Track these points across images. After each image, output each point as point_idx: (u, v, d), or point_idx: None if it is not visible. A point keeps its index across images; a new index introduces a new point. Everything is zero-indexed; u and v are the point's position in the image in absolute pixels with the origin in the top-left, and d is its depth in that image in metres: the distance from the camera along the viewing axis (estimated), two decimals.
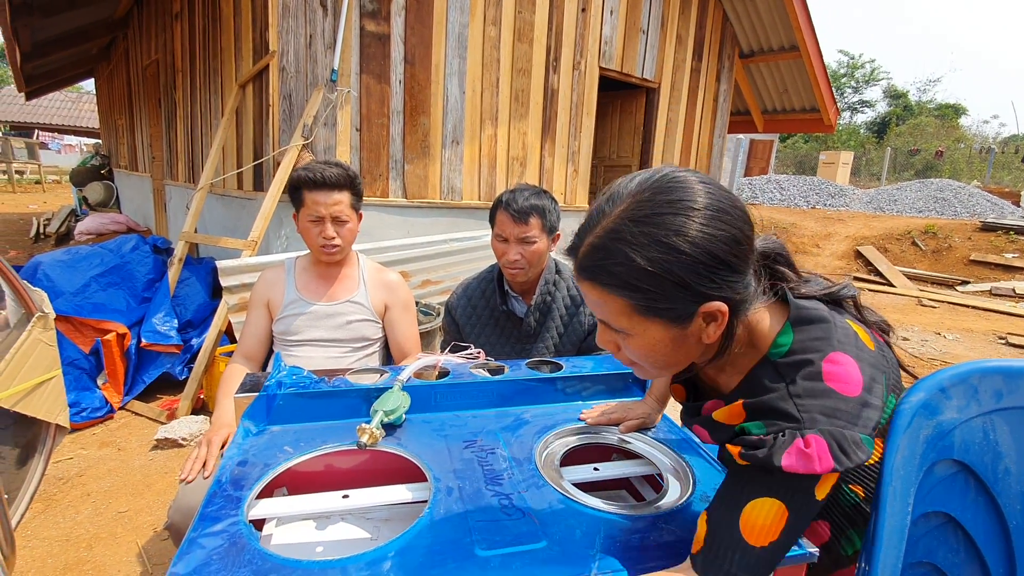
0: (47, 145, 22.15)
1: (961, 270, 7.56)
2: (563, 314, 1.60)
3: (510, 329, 1.63)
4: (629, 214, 0.61)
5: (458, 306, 1.69)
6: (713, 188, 0.63)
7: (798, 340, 0.64)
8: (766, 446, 0.60)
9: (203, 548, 0.70)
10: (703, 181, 0.63)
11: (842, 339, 0.63)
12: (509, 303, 1.62)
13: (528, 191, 1.51)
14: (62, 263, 3.13)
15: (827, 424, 0.58)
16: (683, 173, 0.64)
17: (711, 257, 0.59)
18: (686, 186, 0.62)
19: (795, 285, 0.71)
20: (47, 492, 2.06)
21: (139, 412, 2.73)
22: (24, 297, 1.36)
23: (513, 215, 1.47)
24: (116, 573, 1.67)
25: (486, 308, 1.65)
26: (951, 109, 26.17)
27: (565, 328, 1.60)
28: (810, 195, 12.21)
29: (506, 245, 1.51)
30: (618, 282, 0.62)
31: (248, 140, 3.58)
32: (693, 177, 0.64)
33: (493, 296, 1.63)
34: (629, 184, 0.65)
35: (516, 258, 1.50)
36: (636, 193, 0.63)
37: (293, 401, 1.05)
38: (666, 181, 0.63)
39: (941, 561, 0.68)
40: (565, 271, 1.65)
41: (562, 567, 0.69)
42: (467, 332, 1.66)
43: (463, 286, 1.72)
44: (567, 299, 1.61)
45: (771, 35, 6.16)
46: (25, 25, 5.14)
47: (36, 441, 1.45)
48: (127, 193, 8.11)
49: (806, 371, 0.61)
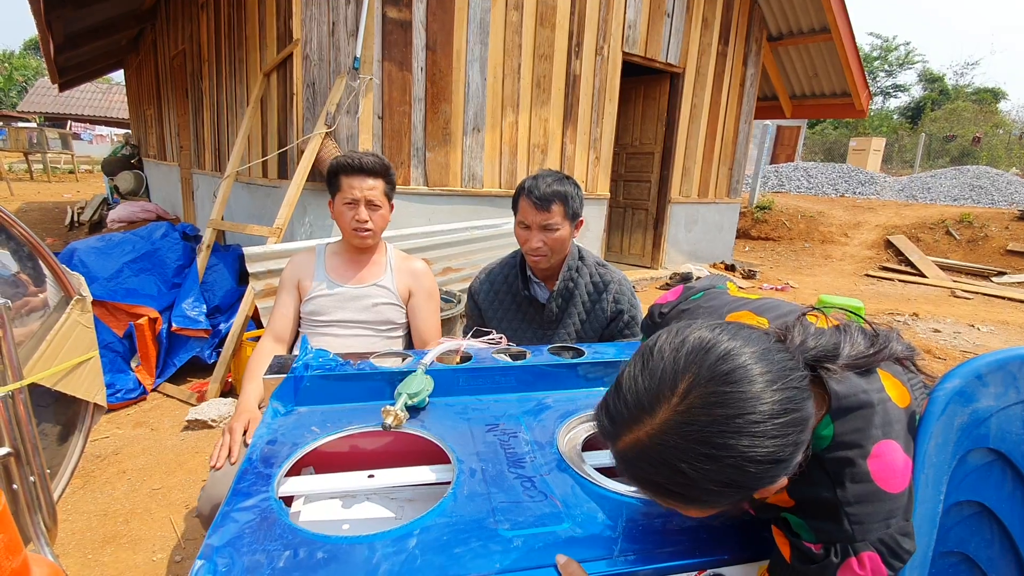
0: (79, 136, 22.80)
1: (997, 260, 7.29)
2: (585, 300, 1.59)
3: (532, 314, 1.63)
4: (681, 429, 0.53)
5: (480, 291, 1.69)
6: (772, 367, 0.54)
7: (839, 432, 0.61)
8: (818, 562, 0.59)
9: (236, 522, 0.72)
10: (760, 359, 0.55)
11: (882, 423, 0.60)
12: (531, 288, 1.61)
13: (550, 177, 1.49)
14: (96, 250, 3.23)
15: (880, 530, 0.57)
16: (735, 356, 0.54)
17: (779, 463, 0.54)
18: (742, 387, 0.53)
19: (834, 371, 0.63)
20: (85, 469, 2.15)
21: (170, 394, 2.82)
22: (63, 280, 1.41)
23: (535, 202, 1.46)
24: (151, 547, 1.74)
25: (508, 293, 1.66)
26: (990, 93, 25.08)
27: (587, 314, 1.59)
28: (839, 183, 11.87)
29: (528, 232, 1.50)
30: (675, 496, 0.57)
31: (272, 128, 3.63)
32: (747, 359, 0.54)
33: (515, 281, 1.63)
34: (670, 369, 0.55)
35: (538, 245, 1.49)
36: (684, 394, 0.54)
37: (320, 383, 1.07)
38: (718, 378, 0.53)
39: (973, 551, 0.66)
40: (588, 257, 1.64)
41: (584, 549, 0.70)
42: (489, 317, 1.67)
43: (486, 271, 1.72)
44: (589, 285, 1.60)
45: (801, 17, 5.98)
46: (58, 17, 5.27)
47: (75, 419, 1.51)
48: (156, 182, 8.31)
49: (854, 472, 0.58)
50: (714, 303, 0.84)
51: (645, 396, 0.56)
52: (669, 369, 0.55)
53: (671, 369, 0.55)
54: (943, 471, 0.62)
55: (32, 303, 1.37)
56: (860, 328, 0.65)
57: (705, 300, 0.86)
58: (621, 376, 0.60)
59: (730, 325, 0.60)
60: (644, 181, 6.02)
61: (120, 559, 1.68)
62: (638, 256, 6.21)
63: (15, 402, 1.16)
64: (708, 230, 6.42)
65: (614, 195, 6.13)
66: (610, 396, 0.60)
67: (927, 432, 0.61)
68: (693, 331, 0.58)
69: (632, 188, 6.16)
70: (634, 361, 0.60)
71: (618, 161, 6.08)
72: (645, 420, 0.55)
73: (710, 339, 0.56)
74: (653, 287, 5.61)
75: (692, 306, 0.86)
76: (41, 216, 8.59)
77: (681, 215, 6.04)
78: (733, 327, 0.59)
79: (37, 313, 1.37)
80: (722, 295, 0.86)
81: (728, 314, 0.78)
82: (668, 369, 0.55)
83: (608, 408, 0.60)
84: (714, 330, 0.58)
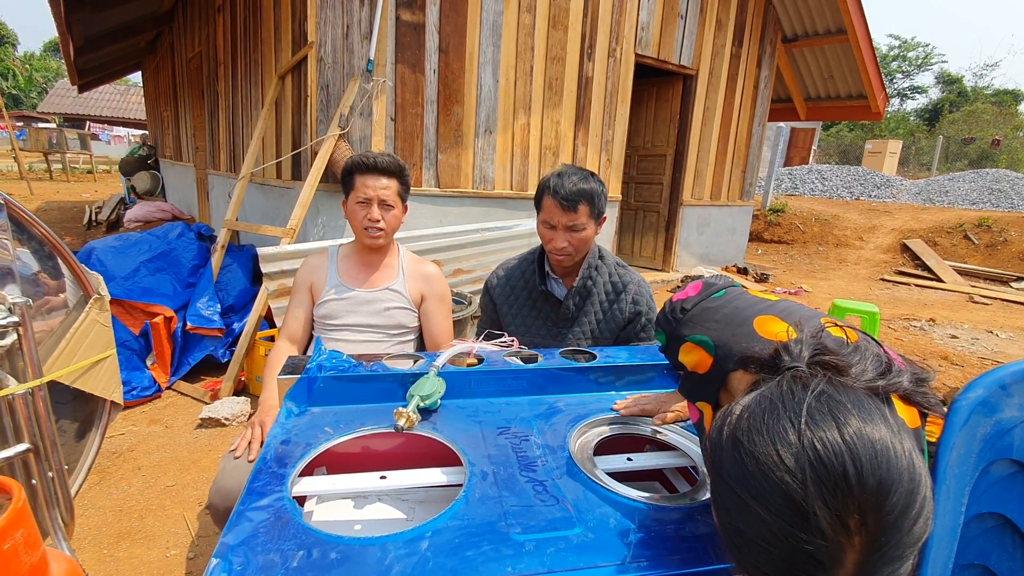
0: (98, 136, 23.21)
1: (1017, 265, 7.15)
2: (603, 300, 1.57)
3: (547, 311, 1.61)
4: (880, 555, 0.49)
5: (497, 286, 1.67)
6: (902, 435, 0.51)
7: None
8: None
9: (251, 521, 0.73)
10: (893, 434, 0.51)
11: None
12: (548, 284, 1.59)
13: (576, 175, 1.45)
14: (114, 249, 3.29)
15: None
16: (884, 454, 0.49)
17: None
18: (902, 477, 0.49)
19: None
20: (102, 465, 2.18)
21: (185, 392, 2.85)
22: (82, 279, 1.44)
23: (562, 203, 1.42)
24: (165, 543, 1.76)
25: (524, 288, 1.63)
26: (1010, 95, 24.65)
27: (604, 315, 1.57)
28: (854, 186, 11.73)
29: (553, 232, 1.47)
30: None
31: (287, 130, 3.66)
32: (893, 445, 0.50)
33: (532, 276, 1.61)
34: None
35: (563, 245, 1.46)
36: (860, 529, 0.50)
37: (333, 384, 1.08)
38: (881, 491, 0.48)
39: (995, 564, 0.65)
40: (608, 257, 1.61)
41: (597, 554, 0.70)
42: (504, 312, 1.65)
43: (504, 267, 1.70)
44: (608, 285, 1.58)
45: (816, 18, 5.91)
46: (78, 20, 5.37)
47: (93, 416, 1.53)
48: (172, 182, 8.43)
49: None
50: (738, 303, 0.81)
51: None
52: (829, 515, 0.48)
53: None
54: (965, 482, 0.61)
55: (52, 302, 1.39)
56: (876, 354, 0.61)
57: (728, 299, 0.83)
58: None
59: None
60: (656, 183, 5.99)
61: (135, 555, 1.71)
62: (649, 259, 6.18)
63: (35, 399, 1.18)
64: (720, 233, 6.37)
65: (625, 197, 6.10)
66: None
67: (949, 443, 0.59)
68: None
69: (644, 190, 6.13)
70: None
71: (630, 163, 6.06)
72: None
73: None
74: (664, 290, 5.57)
75: (715, 304, 0.83)
76: (60, 215, 8.75)
77: (693, 218, 6.00)
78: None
79: (57, 312, 1.40)
80: (744, 295, 0.84)
81: (755, 316, 0.76)
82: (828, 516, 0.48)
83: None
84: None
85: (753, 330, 0.74)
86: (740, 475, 0.52)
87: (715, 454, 0.56)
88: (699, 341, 0.79)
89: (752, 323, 0.75)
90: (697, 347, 0.79)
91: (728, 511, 0.53)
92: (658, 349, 0.99)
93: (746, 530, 0.51)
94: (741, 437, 0.53)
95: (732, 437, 0.55)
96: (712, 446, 0.57)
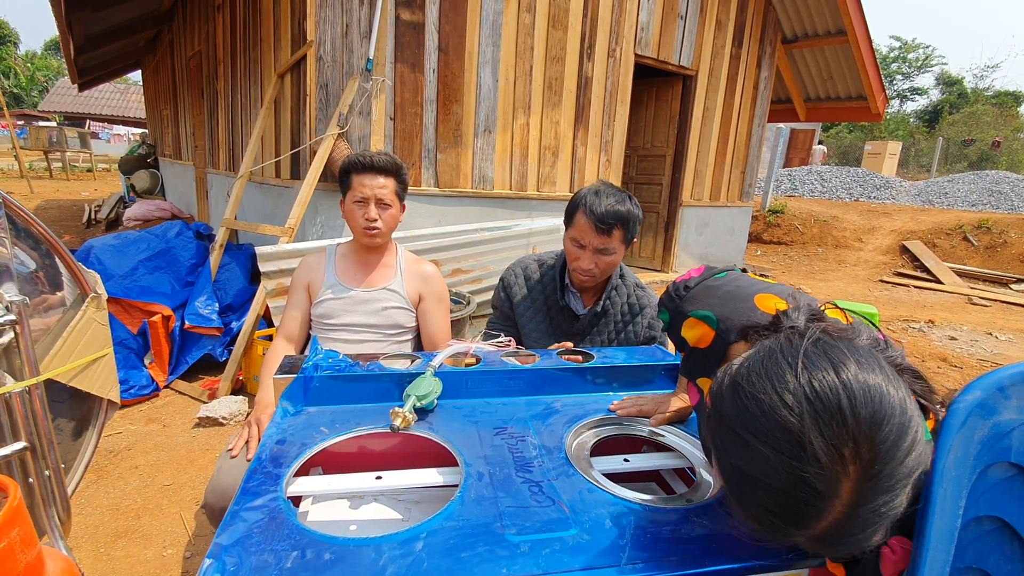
0: (97, 135, 23.20)
1: (1017, 267, 7.15)
2: (618, 320, 1.55)
3: (561, 323, 1.59)
4: (875, 486, 0.52)
5: (515, 285, 1.63)
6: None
7: None
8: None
9: (245, 521, 0.72)
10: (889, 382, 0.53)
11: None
12: (567, 298, 1.56)
13: (613, 196, 1.38)
14: (112, 247, 3.28)
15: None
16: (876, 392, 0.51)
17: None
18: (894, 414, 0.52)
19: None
20: (99, 464, 2.18)
21: (182, 391, 2.85)
22: (80, 278, 1.43)
23: (596, 224, 1.35)
24: (161, 542, 1.76)
25: (541, 295, 1.60)
26: (1010, 97, 24.66)
27: (617, 335, 1.55)
28: (853, 187, 11.73)
29: (581, 251, 1.41)
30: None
31: (286, 129, 3.66)
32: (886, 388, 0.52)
33: (551, 285, 1.57)
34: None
35: (590, 267, 1.41)
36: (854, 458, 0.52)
37: (329, 383, 1.08)
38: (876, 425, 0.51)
39: (992, 568, 0.65)
40: (628, 276, 1.58)
41: (592, 556, 0.69)
42: (519, 313, 1.61)
43: (521, 266, 1.65)
44: (624, 306, 1.55)
45: (816, 19, 5.91)
46: (78, 19, 5.36)
47: (90, 415, 1.53)
48: (171, 181, 8.42)
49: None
50: (740, 283, 0.84)
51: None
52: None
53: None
54: (962, 485, 0.60)
55: (49, 300, 1.39)
56: (871, 334, 0.63)
57: (729, 279, 0.86)
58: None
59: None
60: (655, 184, 5.99)
61: (131, 554, 1.70)
62: (648, 259, 6.17)
63: (31, 397, 1.17)
64: (720, 234, 6.37)
65: None
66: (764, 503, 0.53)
67: (946, 446, 0.59)
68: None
69: (643, 191, 6.13)
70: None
71: (629, 164, 6.05)
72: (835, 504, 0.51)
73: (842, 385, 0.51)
74: (663, 291, 5.57)
75: (717, 283, 0.86)
76: (59, 213, 8.74)
77: (692, 218, 6.00)
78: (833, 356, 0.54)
79: (54, 310, 1.39)
80: (744, 277, 0.86)
81: (755, 295, 0.78)
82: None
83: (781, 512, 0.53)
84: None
85: (754, 305, 0.77)
86: (741, 416, 0.54)
87: (716, 402, 0.58)
88: (702, 316, 0.82)
89: (753, 299, 0.78)
90: (700, 322, 0.82)
91: (730, 453, 0.55)
92: (661, 330, 1.01)
93: (748, 468, 0.53)
94: (741, 382, 0.55)
95: (732, 383, 0.56)
96: (713, 396, 0.59)
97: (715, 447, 0.58)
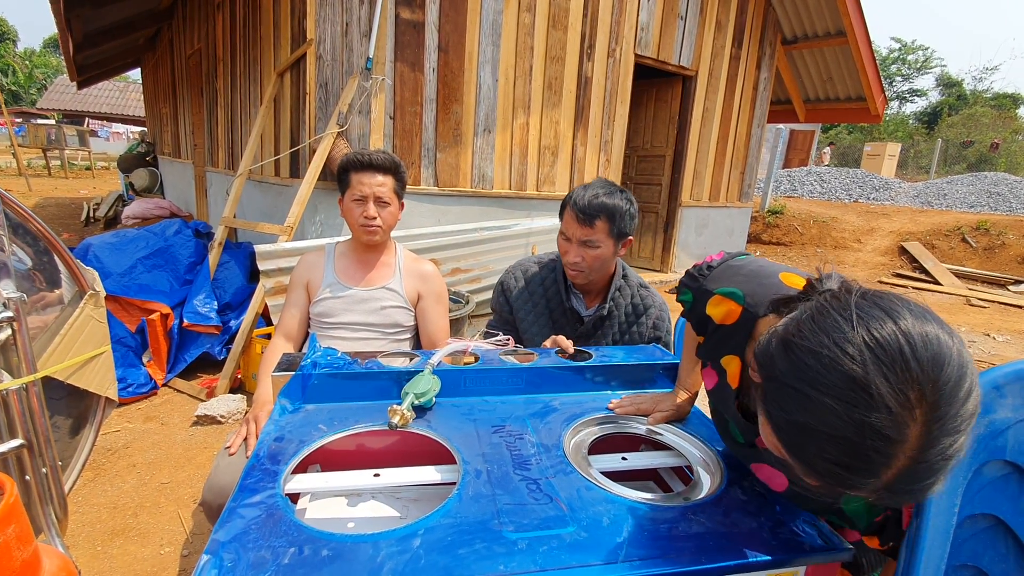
0: (96, 133, 23.16)
1: (1015, 269, 7.16)
2: (622, 321, 1.55)
3: (564, 325, 1.57)
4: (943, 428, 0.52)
5: (515, 289, 1.62)
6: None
7: None
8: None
9: (242, 518, 0.72)
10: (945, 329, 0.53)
11: None
12: (571, 299, 1.55)
13: (601, 189, 1.39)
14: (110, 245, 3.27)
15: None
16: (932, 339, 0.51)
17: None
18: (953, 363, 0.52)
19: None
20: (96, 462, 2.17)
21: (181, 389, 2.84)
22: (77, 276, 1.43)
23: (578, 215, 1.37)
24: (159, 540, 1.76)
25: (543, 297, 1.59)
26: (1009, 99, 24.70)
27: (621, 336, 1.55)
28: (852, 188, 11.75)
29: (568, 244, 1.43)
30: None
31: (285, 128, 3.66)
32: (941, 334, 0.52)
33: (553, 287, 1.57)
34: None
35: (576, 260, 1.42)
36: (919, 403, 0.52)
37: (327, 381, 1.08)
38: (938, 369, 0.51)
39: (987, 565, 0.65)
40: (632, 277, 1.58)
41: (589, 553, 0.69)
42: (520, 317, 1.61)
43: (521, 268, 1.64)
44: (628, 307, 1.55)
45: (816, 20, 5.92)
46: (77, 16, 5.35)
47: (87, 413, 1.53)
48: (170, 179, 8.41)
49: None
50: (761, 263, 0.88)
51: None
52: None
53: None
54: (958, 483, 0.61)
55: (47, 298, 1.39)
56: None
57: (751, 261, 0.89)
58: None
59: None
60: (655, 184, 5.99)
61: (128, 552, 1.70)
62: (648, 259, 6.18)
63: (29, 394, 1.17)
64: (719, 234, 6.38)
65: None
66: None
67: None
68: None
69: (643, 191, 6.13)
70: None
71: (629, 164, 6.06)
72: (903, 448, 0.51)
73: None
74: (663, 291, 5.57)
75: (740, 263, 0.89)
76: (58, 211, 8.73)
77: (692, 219, 6.00)
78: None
79: (52, 307, 1.39)
80: (763, 259, 0.90)
81: (779, 272, 0.82)
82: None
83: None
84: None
85: (780, 281, 0.80)
86: (797, 371, 0.54)
87: (766, 365, 0.58)
88: (728, 293, 0.84)
89: (777, 276, 0.81)
90: (726, 299, 0.84)
91: (788, 410, 0.55)
92: (682, 313, 1.02)
93: (809, 421, 0.53)
94: (793, 339, 0.55)
95: (782, 342, 0.57)
96: (761, 360, 0.59)
97: (768, 408, 0.57)
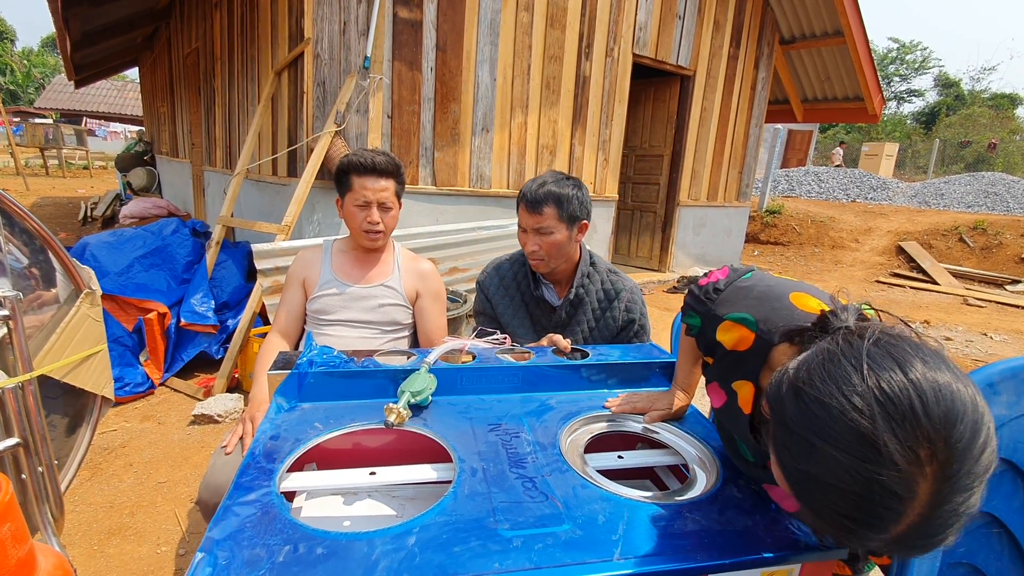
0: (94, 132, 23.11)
1: (1012, 268, 7.18)
2: (595, 307, 1.57)
3: (539, 316, 1.62)
4: (954, 486, 0.50)
5: (490, 285, 1.66)
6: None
7: None
8: None
9: (237, 516, 0.72)
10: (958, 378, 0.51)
11: None
12: (541, 289, 1.59)
13: (550, 179, 1.46)
14: (108, 244, 3.26)
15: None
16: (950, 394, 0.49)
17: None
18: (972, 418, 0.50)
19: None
20: (93, 461, 2.17)
21: (178, 388, 2.84)
22: (73, 274, 1.43)
23: (526, 205, 1.45)
24: (155, 539, 1.75)
25: (517, 291, 1.63)
26: (1007, 99, 24.75)
27: (596, 322, 1.57)
28: (850, 188, 11.77)
29: (525, 235, 1.49)
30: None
31: (283, 127, 3.65)
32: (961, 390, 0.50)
33: (525, 279, 1.61)
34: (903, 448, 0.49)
35: (534, 248, 1.47)
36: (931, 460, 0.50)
37: (323, 380, 1.07)
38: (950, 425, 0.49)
39: (982, 563, 0.65)
40: (600, 263, 1.61)
41: (584, 551, 0.69)
42: (500, 312, 1.64)
43: (494, 265, 1.69)
44: (600, 292, 1.57)
45: (814, 20, 5.93)
46: (75, 15, 5.33)
47: (84, 412, 1.52)
48: (168, 178, 8.39)
49: None
50: (769, 282, 0.84)
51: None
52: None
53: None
54: None
55: (43, 296, 1.38)
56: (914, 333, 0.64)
57: (757, 279, 0.85)
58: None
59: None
60: (653, 184, 5.99)
61: (125, 551, 1.70)
62: (646, 259, 6.18)
63: (25, 393, 1.17)
64: (717, 234, 6.38)
65: (622, 197, 6.10)
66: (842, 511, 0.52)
67: None
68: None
69: (641, 190, 6.13)
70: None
71: (627, 163, 6.06)
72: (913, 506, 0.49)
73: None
74: (660, 290, 5.57)
75: (747, 284, 0.85)
76: (55, 211, 8.70)
77: (689, 218, 6.01)
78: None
79: (48, 306, 1.39)
80: (769, 275, 0.86)
81: (788, 293, 0.78)
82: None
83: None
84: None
85: (792, 304, 0.76)
86: (806, 421, 0.52)
87: (776, 409, 0.56)
88: (739, 319, 0.80)
89: (788, 298, 0.77)
90: (737, 324, 0.80)
91: (797, 458, 0.53)
92: (686, 333, 0.99)
93: (817, 472, 0.51)
94: (803, 386, 0.54)
95: (792, 388, 0.55)
96: (772, 402, 0.57)
97: (778, 452, 0.56)
